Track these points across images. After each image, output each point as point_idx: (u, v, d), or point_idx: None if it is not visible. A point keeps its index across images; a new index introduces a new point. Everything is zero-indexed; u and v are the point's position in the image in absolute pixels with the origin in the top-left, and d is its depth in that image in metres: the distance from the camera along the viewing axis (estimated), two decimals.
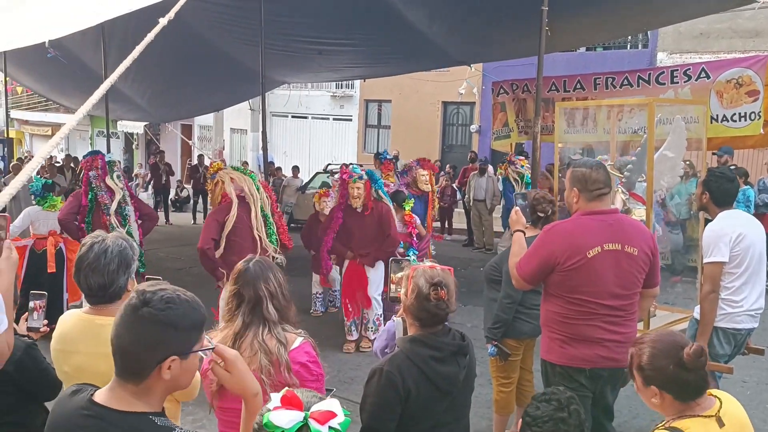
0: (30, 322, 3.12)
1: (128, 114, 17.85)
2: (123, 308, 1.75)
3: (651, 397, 2.25)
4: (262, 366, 2.48)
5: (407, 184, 8.27)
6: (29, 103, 27.80)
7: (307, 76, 16.34)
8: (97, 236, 2.59)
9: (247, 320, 2.57)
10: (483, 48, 11.10)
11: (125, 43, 8.28)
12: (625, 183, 5.08)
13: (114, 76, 2.10)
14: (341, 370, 6.32)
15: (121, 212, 6.81)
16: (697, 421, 2.17)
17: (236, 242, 5.82)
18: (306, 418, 1.52)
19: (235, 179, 5.96)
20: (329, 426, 1.52)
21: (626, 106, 6.53)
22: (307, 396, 1.59)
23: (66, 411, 1.79)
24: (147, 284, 1.80)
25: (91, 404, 1.74)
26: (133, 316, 1.71)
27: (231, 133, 24.86)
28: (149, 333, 1.70)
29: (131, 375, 1.73)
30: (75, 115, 1.93)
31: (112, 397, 1.74)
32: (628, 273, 3.45)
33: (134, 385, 1.73)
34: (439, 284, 2.61)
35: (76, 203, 6.76)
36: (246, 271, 2.65)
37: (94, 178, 6.79)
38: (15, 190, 1.78)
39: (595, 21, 9.47)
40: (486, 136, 16.92)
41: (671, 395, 2.20)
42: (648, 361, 2.23)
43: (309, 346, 2.63)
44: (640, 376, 2.27)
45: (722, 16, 13.82)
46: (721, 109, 8.77)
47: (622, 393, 4.05)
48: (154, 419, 1.72)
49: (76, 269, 2.54)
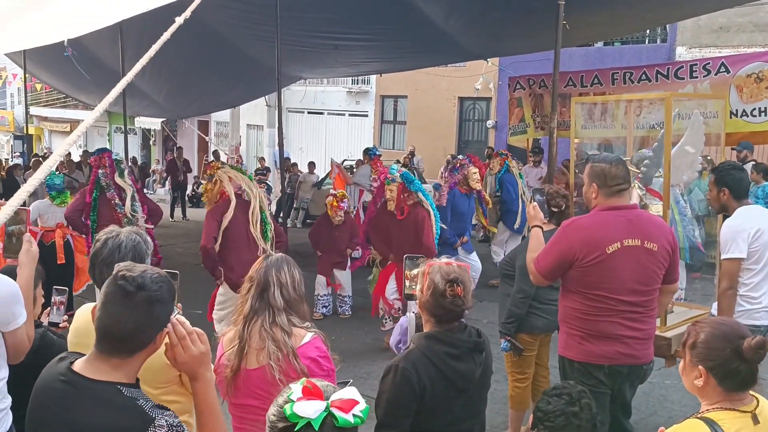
0: (51, 316, 3.18)
1: (146, 110, 17.97)
2: (114, 294, 1.81)
3: (695, 378, 2.21)
4: (270, 354, 2.53)
5: (457, 182, 7.95)
6: (48, 100, 28.08)
7: (323, 72, 16.36)
8: (111, 231, 2.62)
9: (255, 305, 2.63)
10: (500, 42, 11.05)
11: (142, 40, 8.34)
12: (642, 178, 5.04)
13: (130, 75, 2.11)
14: (357, 365, 6.33)
15: (132, 208, 7.01)
16: (732, 414, 2.13)
17: (232, 240, 5.92)
18: (328, 407, 1.52)
19: (234, 178, 6.06)
20: (353, 414, 1.52)
21: (644, 101, 6.48)
22: (323, 385, 1.60)
23: (48, 375, 1.88)
24: (123, 266, 1.87)
25: (68, 371, 1.83)
26: (131, 301, 1.79)
27: (247, 129, 24.93)
28: (150, 314, 1.82)
29: (126, 352, 1.82)
30: (92, 113, 1.95)
31: (89, 366, 1.83)
32: (647, 269, 3.42)
33: (120, 360, 1.82)
34: (455, 281, 2.60)
35: (81, 200, 7.00)
36: (265, 260, 2.73)
37: (104, 176, 6.96)
38: (33, 187, 1.80)
39: (612, 14, 9.38)
40: (502, 131, 16.84)
41: (716, 380, 2.16)
42: (705, 340, 2.19)
43: (319, 341, 2.64)
44: (691, 354, 2.22)
45: (742, 10, 13.64)
46: (741, 103, 8.67)
47: (639, 390, 4.04)
48: (122, 389, 1.80)
49: (91, 264, 2.59)
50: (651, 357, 3.61)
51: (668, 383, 5.98)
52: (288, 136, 21.59)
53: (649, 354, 3.57)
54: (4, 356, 2.73)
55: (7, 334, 2.67)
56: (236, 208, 5.90)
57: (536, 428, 2.51)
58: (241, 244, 5.87)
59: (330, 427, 1.51)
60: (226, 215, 5.87)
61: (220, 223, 5.89)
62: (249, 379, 2.59)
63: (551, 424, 2.45)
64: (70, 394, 1.79)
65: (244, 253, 5.78)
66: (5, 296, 2.62)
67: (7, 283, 2.65)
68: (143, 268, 1.86)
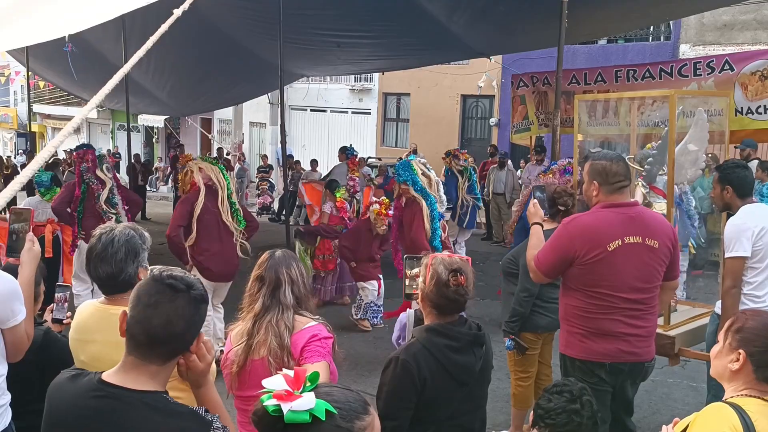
0: (54, 313, 3.19)
1: (149, 107, 17.98)
2: (162, 294, 1.76)
3: (730, 362, 2.24)
4: (271, 349, 2.60)
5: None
6: (51, 98, 28.12)
7: (326, 69, 16.34)
8: (106, 227, 2.65)
9: (267, 303, 2.69)
10: (503, 39, 11.01)
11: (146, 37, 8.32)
12: (646, 176, 5.02)
13: (127, 67, 2.11)
14: (358, 363, 6.33)
15: (110, 201, 7.27)
16: (759, 402, 2.16)
17: (204, 227, 6.15)
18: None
19: (204, 168, 6.28)
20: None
21: (648, 98, 6.45)
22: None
23: (71, 395, 1.79)
24: (161, 269, 1.83)
25: (103, 385, 1.75)
26: (182, 300, 1.76)
27: (250, 127, 24.94)
28: (198, 313, 1.82)
29: (165, 357, 1.77)
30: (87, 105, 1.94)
31: (126, 377, 1.76)
32: (649, 266, 3.41)
33: (158, 366, 1.77)
34: (458, 270, 2.62)
35: (68, 193, 7.22)
36: (271, 257, 2.77)
37: (86, 171, 7.20)
38: (26, 178, 1.80)
39: (616, 10, 9.35)
40: (505, 129, 16.81)
41: (753, 366, 2.20)
42: (753, 326, 2.23)
43: (322, 327, 2.72)
44: (734, 338, 2.25)
45: (746, 7, 13.60)
46: (746, 101, 8.64)
47: (641, 388, 4.02)
48: (167, 397, 1.76)
49: (87, 260, 2.62)
50: (652, 354, 3.59)
51: (671, 381, 5.97)
52: (291, 134, 21.58)
53: (651, 351, 3.56)
54: (2, 353, 2.73)
55: (6, 331, 2.67)
56: (206, 197, 6.15)
57: (537, 426, 2.51)
58: (212, 232, 6.16)
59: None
60: (196, 204, 6.11)
61: (190, 212, 6.12)
62: (254, 370, 2.64)
63: (552, 422, 2.44)
64: (116, 408, 1.72)
65: (215, 241, 6.14)
66: (5, 293, 2.62)
67: (7, 279, 2.65)
68: (174, 270, 1.84)
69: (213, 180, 6.24)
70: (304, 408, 1.38)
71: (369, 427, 1.46)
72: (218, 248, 6.15)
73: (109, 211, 7.11)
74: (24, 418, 2.80)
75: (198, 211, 6.09)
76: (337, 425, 1.40)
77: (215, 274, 6.16)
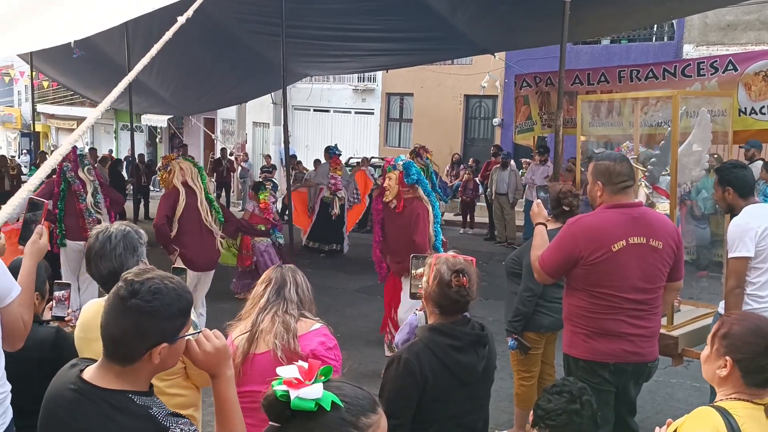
0: (55, 310, 3.19)
1: (152, 107, 17.99)
2: (111, 297, 1.79)
3: (718, 368, 2.21)
4: (277, 333, 2.68)
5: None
6: (55, 97, 28.18)
7: (329, 68, 16.33)
8: (101, 226, 2.71)
9: (272, 298, 2.80)
10: (507, 36, 10.98)
11: (150, 37, 8.34)
12: (649, 176, 5.02)
13: (132, 74, 2.12)
14: (362, 363, 6.34)
15: (93, 198, 7.44)
16: (746, 405, 2.14)
17: (186, 225, 6.54)
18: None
19: (184, 169, 6.67)
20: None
21: (651, 98, 6.45)
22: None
23: (59, 383, 1.87)
24: (135, 271, 1.83)
25: (78, 379, 1.81)
26: (122, 306, 1.75)
27: (253, 127, 24.94)
28: (138, 323, 1.74)
29: (120, 359, 1.78)
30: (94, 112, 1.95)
31: (98, 374, 1.80)
32: (652, 267, 3.42)
33: (121, 367, 1.78)
34: (461, 271, 2.62)
35: (47, 190, 7.25)
36: (276, 267, 2.93)
37: (68, 170, 7.31)
38: (33, 186, 1.82)
39: (619, 8, 9.34)
40: (508, 129, 16.81)
41: (740, 372, 2.16)
42: (739, 332, 2.18)
43: (326, 330, 2.80)
44: (721, 344, 2.21)
45: (750, 7, 13.57)
46: (750, 101, 8.64)
47: (645, 388, 4.02)
48: (134, 398, 1.77)
49: (87, 260, 2.65)
50: (656, 355, 3.59)
51: (674, 382, 5.97)
52: (294, 134, 21.59)
53: (654, 352, 3.56)
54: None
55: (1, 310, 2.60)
56: (188, 197, 6.55)
57: (537, 426, 2.51)
58: (194, 229, 6.56)
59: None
60: (179, 203, 6.50)
61: (172, 206, 6.52)
62: (256, 364, 2.67)
63: (553, 423, 2.45)
64: (81, 403, 1.76)
65: (196, 237, 6.56)
66: None
67: None
68: (153, 276, 1.79)
69: (189, 181, 6.62)
70: (311, 397, 1.40)
71: (375, 426, 1.48)
72: (199, 242, 6.57)
73: (94, 210, 7.30)
74: (35, 417, 2.79)
75: (180, 211, 6.50)
76: (342, 418, 1.43)
77: (197, 264, 6.53)
